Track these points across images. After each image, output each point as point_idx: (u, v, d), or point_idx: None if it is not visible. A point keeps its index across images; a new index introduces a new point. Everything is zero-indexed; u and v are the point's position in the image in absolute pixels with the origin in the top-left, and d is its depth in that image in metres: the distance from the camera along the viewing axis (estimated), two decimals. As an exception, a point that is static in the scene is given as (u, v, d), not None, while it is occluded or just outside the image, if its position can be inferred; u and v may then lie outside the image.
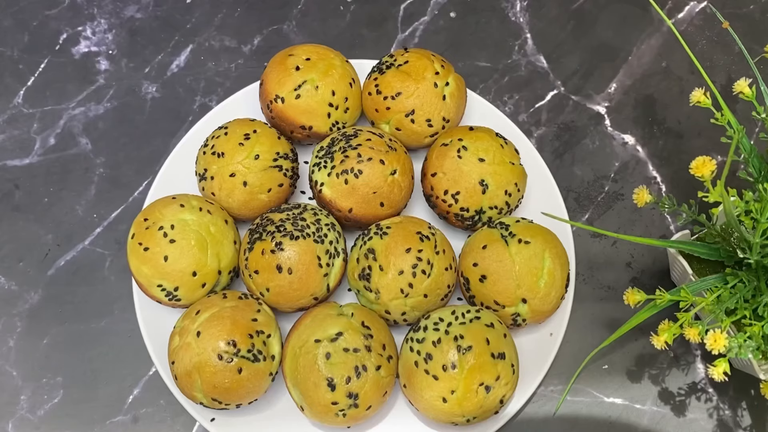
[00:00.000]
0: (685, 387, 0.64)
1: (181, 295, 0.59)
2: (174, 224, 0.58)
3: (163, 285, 0.58)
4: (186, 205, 0.59)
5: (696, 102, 0.55)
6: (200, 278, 0.58)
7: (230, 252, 0.60)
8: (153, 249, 0.58)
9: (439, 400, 0.55)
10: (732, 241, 0.55)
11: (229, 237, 0.60)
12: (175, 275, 0.58)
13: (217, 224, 0.60)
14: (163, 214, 0.59)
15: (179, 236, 0.58)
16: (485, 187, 0.62)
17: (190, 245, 0.58)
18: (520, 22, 0.76)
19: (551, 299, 0.60)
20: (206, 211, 0.60)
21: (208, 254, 0.59)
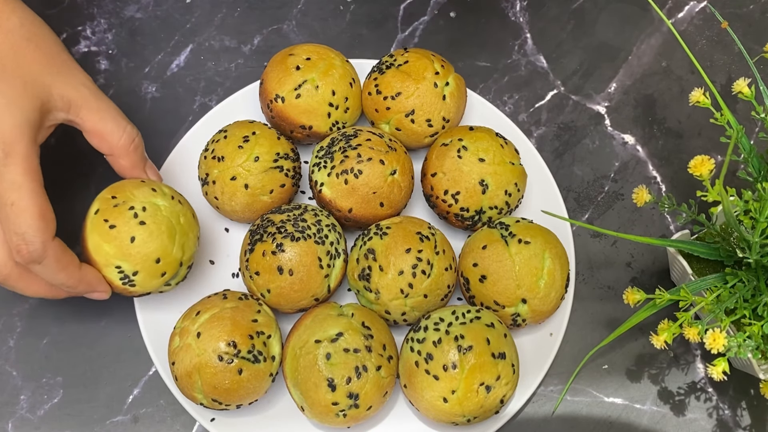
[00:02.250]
0: (685, 387, 0.64)
1: (138, 280, 0.56)
2: (146, 206, 0.56)
3: (122, 267, 0.56)
4: (158, 191, 0.58)
5: (695, 102, 0.55)
6: (162, 266, 0.57)
7: (193, 246, 0.59)
8: (120, 228, 0.55)
9: (439, 400, 0.55)
10: (731, 241, 0.56)
11: (195, 231, 0.60)
12: (139, 258, 0.55)
13: (186, 216, 0.59)
14: (134, 194, 0.57)
15: (150, 219, 0.56)
16: (485, 187, 0.62)
17: (160, 230, 0.56)
18: (520, 22, 0.76)
19: (551, 299, 0.60)
20: (177, 201, 0.59)
21: (175, 243, 0.57)
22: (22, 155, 0.50)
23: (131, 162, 0.59)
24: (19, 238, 0.50)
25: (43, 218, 0.50)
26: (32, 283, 0.54)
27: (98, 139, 0.57)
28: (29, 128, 0.51)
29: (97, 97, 0.56)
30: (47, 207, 0.51)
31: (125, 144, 0.57)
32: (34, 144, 0.51)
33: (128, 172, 0.59)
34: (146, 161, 0.60)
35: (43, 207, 0.51)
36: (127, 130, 0.57)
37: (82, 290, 0.55)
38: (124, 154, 0.58)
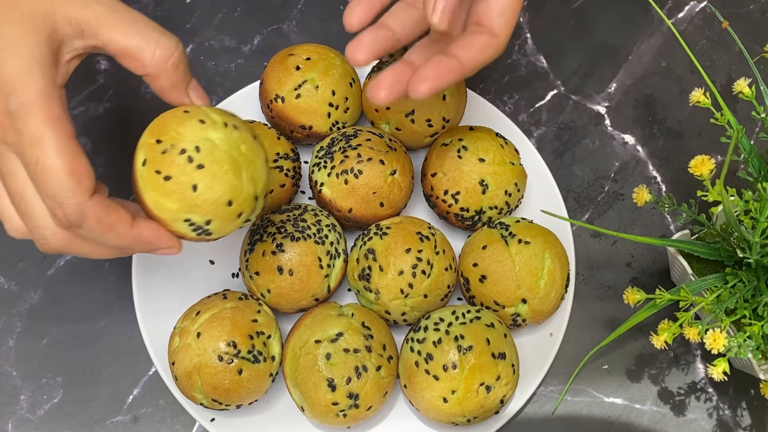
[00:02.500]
0: (685, 387, 0.64)
1: (213, 228, 0.48)
2: (199, 146, 0.46)
3: (191, 219, 0.47)
4: (207, 121, 0.48)
5: (696, 102, 0.55)
6: (236, 207, 0.48)
7: (264, 173, 0.50)
8: (177, 178, 0.46)
9: (439, 400, 0.55)
10: (732, 241, 0.55)
11: (261, 155, 0.50)
12: (207, 206, 0.47)
13: (247, 141, 0.49)
14: (180, 133, 0.47)
15: (208, 160, 0.46)
16: (485, 187, 0.62)
17: (222, 170, 0.47)
18: (520, 22, 0.76)
19: (551, 299, 0.60)
20: (233, 127, 0.49)
21: (243, 178, 0.48)
22: (38, 104, 0.42)
23: (171, 82, 0.48)
24: (52, 201, 0.42)
25: (74, 175, 0.42)
26: (95, 245, 0.47)
27: (130, 60, 0.47)
28: (41, 69, 0.42)
29: (116, 10, 0.46)
30: (79, 161, 0.43)
31: (160, 60, 0.47)
32: (52, 87, 0.43)
33: (168, 93, 0.50)
34: (190, 80, 0.50)
35: (74, 162, 0.42)
36: (161, 44, 0.47)
37: (142, 249, 0.47)
38: (161, 73, 0.48)
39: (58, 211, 0.43)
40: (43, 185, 0.42)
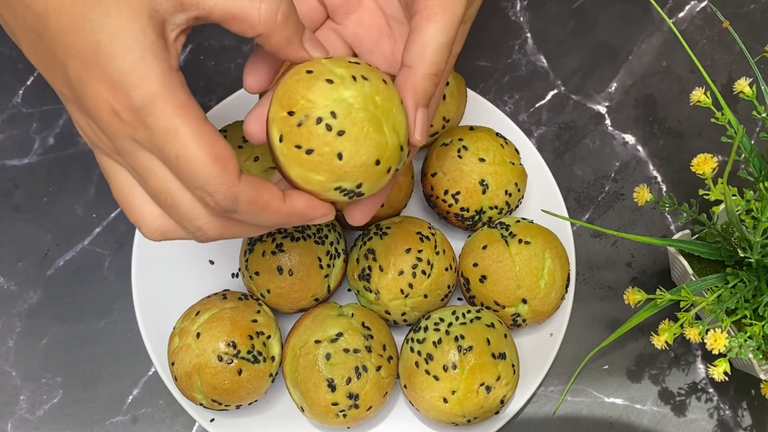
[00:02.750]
0: (686, 387, 0.64)
1: (365, 189, 0.45)
2: (334, 110, 0.43)
3: (342, 186, 0.44)
4: (335, 80, 0.43)
5: (696, 101, 0.55)
6: (384, 164, 0.45)
7: (403, 117, 0.46)
8: (320, 149, 0.42)
9: (439, 400, 0.55)
10: (732, 241, 0.55)
11: (396, 100, 0.46)
12: (356, 171, 0.44)
13: (380, 90, 0.44)
14: (311, 100, 0.43)
15: (347, 123, 0.43)
16: (485, 187, 0.62)
17: (364, 130, 0.43)
18: (520, 22, 0.76)
19: (551, 299, 0.59)
20: (362, 78, 0.44)
21: (386, 132, 0.44)
22: (162, 94, 0.38)
23: (284, 37, 0.44)
24: (201, 192, 0.40)
25: (219, 161, 0.39)
26: (250, 226, 0.44)
27: (236, 22, 0.43)
28: (153, 56, 0.38)
29: None
30: (219, 145, 0.39)
31: (269, 17, 0.43)
32: (170, 72, 0.39)
33: (284, 50, 0.45)
34: (303, 30, 0.45)
35: (215, 147, 0.39)
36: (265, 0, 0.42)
37: (298, 222, 0.45)
38: (272, 30, 0.43)
39: (209, 200, 0.40)
40: (188, 178, 0.39)
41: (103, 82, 0.37)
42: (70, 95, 0.39)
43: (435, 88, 0.45)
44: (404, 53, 0.45)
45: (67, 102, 0.41)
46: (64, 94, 0.40)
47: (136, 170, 0.40)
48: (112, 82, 0.37)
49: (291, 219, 0.44)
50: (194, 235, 0.42)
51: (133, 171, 0.40)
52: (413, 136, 0.45)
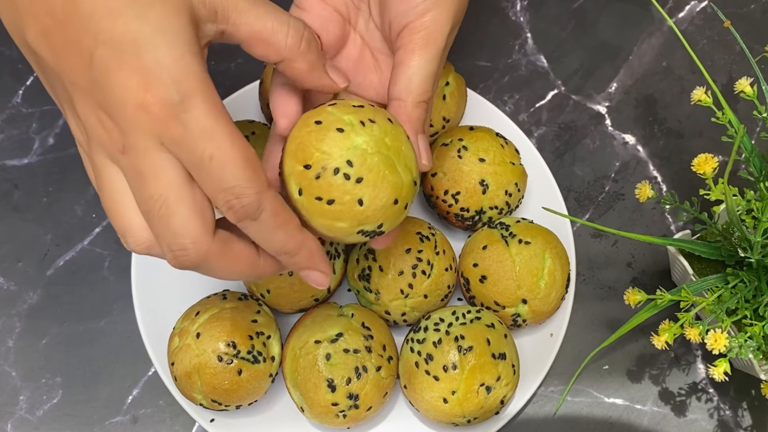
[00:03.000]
0: (686, 387, 0.64)
1: (385, 227, 0.47)
2: (350, 159, 0.43)
3: (364, 229, 0.46)
4: (345, 128, 0.44)
5: (697, 101, 0.55)
6: (402, 201, 0.46)
7: (411, 152, 0.47)
8: (341, 199, 0.43)
9: (439, 400, 0.55)
10: (733, 241, 0.55)
11: (402, 136, 0.47)
12: (377, 213, 0.45)
13: (388, 131, 0.46)
14: (326, 152, 0.43)
15: (364, 170, 0.44)
16: (485, 187, 0.62)
17: (381, 174, 0.44)
18: (520, 22, 0.76)
19: (551, 300, 0.59)
20: (369, 122, 0.45)
21: (399, 171, 0.45)
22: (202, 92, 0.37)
23: (308, 62, 0.44)
24: (228, 194, 0.38)
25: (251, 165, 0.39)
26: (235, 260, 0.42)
27: (262, 45, 0.43)
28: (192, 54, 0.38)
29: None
30: (250, 150, 0.39)
31: (294, 42, 0.43)
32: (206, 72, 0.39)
33: (308, 77, 0.45)
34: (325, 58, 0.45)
35: (247, 151, 0.39)
36: (291, 25, 0.43)
37: (302, 260, 0.43)
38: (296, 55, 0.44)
39: (234, 203, 0.38)
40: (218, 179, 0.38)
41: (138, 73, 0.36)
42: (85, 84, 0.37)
43: (426, 115, 0.47)
44: (391, 87, 0.46)
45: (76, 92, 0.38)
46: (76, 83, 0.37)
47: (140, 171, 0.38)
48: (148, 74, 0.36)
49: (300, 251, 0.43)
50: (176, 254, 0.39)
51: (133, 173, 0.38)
52: (421, 162, 0.46)
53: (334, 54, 0.51)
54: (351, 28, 0.50)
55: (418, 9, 0.46)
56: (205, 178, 0.38)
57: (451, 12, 0.46)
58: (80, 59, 0.36)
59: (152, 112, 0.36)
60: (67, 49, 0.37)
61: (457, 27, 0.48)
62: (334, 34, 0.50)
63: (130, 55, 0.36)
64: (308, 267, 0.44)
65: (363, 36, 0.51)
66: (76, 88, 0.38)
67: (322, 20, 0.49)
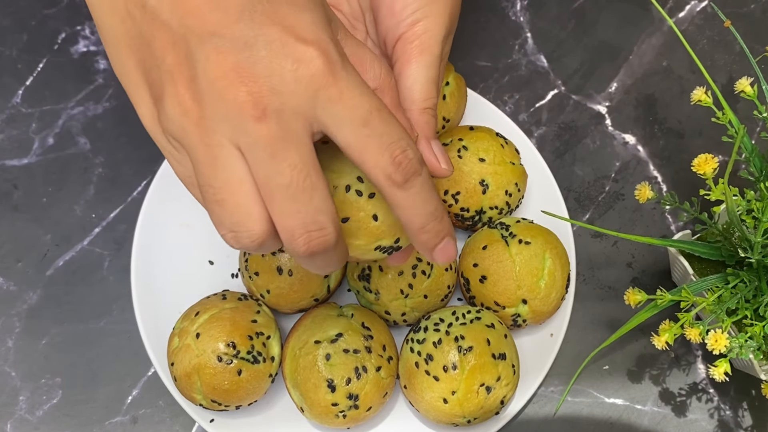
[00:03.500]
0: (686, 387, 0.64)
1: (403, 242, 0.46)
2: (359, 175, 0.43)
3: (381, 245, 0.45)
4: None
5: (697, 101, 0.55)
6: None
7: None
8: (355, 215, 0.43)
9: (439, 400, 0.55)
10: (733, 241, 0.55)
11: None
12: (393, 228, 0.44)
13: None
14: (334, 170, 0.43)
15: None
16: (485, 187, 0.61)
17: None
18: (520, 22, 0.76)
19: (551, 300, 0.59)
20: None
21: None
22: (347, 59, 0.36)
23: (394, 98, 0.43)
24: (395, 148, 0.36)
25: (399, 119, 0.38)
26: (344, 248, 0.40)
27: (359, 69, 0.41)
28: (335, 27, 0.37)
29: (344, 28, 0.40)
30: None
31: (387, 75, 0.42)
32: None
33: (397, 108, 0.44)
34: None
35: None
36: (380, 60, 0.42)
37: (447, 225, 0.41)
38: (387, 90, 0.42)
39: (402, 158, 0.36)
40: (385, 132, 0.35)
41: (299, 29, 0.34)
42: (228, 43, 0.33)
43: (434, 120, 0.45)
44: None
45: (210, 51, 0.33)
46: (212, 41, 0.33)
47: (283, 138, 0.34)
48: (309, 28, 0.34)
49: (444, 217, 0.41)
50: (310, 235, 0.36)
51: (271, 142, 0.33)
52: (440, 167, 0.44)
53: None
54: None
55: (408, 20, 0.45)
56: (370, 134, 0.35)
57: (443, 18, 0.46)
58: (226, 14, 0.33)
59: (316, 67, 0.33)
60: (209, 2, 0.33)
61: (452, 32, 0.48)
62: None
63: (288, 13, 0.33)
64: (449, 233, 0.41)
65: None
66: (213, 46, 0.33)
67: None
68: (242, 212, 0.35)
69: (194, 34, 0.33)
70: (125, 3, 0.35)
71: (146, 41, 0.35)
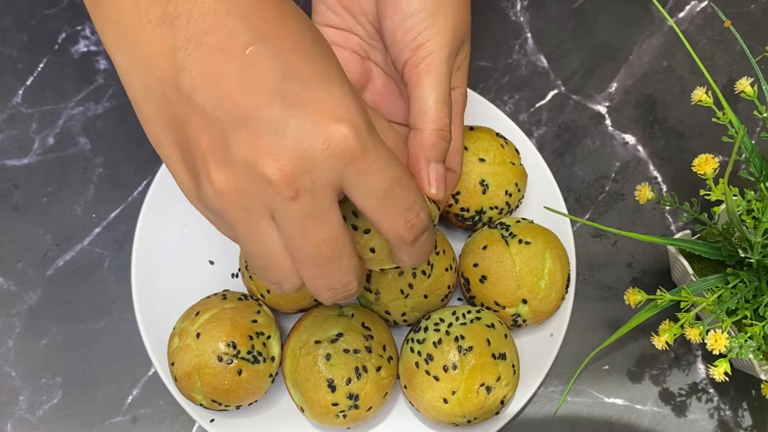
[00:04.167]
0: (686, 387, 0.64)
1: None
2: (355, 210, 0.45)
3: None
4: None
5: (698, 101, 0.55)
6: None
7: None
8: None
9: (440, 400, 0.55)
10: (733, 241, 0.55)
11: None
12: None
13: None
14: None
15: None
16: (485, 188, 0.61)
17: None
18: (520, 22, 0.76)
19: (552, 300, 0.59)
20: None
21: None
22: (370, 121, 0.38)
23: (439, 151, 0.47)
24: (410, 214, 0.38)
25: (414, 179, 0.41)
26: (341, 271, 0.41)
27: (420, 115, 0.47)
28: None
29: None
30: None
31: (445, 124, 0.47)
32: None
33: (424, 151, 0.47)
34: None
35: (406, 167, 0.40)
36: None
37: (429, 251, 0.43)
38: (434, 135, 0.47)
39: (415, 221, 0.39)
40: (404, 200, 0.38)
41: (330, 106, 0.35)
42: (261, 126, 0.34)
43: (444, 143, 0.46)
44: (409, 120, 0.47)
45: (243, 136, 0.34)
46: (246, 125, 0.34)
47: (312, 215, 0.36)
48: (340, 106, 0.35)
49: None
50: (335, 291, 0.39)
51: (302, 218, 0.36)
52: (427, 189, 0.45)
53: (361, 89, 0.52)
54: (372, 63, 0.52)
55: (411, 45, 0.47)
56: (390, 203, 0.37)
57: (446, 37, 0.47)
58: (258, 97, 0.34)
59: (348, 143, 0.35)
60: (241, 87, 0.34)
61: (458, 47, 0.49)
62: (356, 72, 0.52)
63: (319, 90, 0.35)
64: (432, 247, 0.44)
65: (384, 69, 0.52)
66: (245, 131, 0.34)
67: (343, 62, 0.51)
68: (284, 274, 0.38)
69: (228, 117, 0.34)
70: (160, 85, 0.36)
71: (181, 123, 0.36)
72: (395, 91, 0.52)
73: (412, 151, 0.46)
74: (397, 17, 0.47)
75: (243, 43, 0.35)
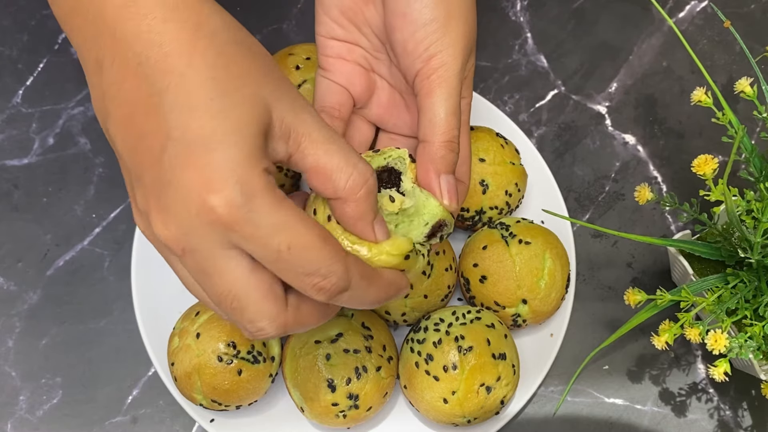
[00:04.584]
0: (686, 387, 0.64)
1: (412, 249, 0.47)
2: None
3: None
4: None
5: (697, 101, 0.55)
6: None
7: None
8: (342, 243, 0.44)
9: (439, 400, 0.55)
10: (733, 241, 0.55)
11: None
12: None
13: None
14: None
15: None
16: (485, 188, 0.62)
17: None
18: (520, 22, 0.76)
19: (551, 300, 0.59)
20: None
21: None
22: (264, 189, 0.37)
23: (358, 211, 0.43)
24: (316, 277, 0.38)
25: (328, 241, 0.38)
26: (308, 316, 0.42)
27: (321, 179, 0.42)
28: (257, 159, 0.37)
29: (321, 126, 0.41)
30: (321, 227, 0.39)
31: (354, 186, 0.42)
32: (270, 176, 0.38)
33: (352, 223, 0.43)
34: (376, 214, 0.44)
35: (320, 230, 0.38)
36: (358, 168, 0.41)
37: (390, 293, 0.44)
38: (350, 199, 0.43)
39: (323, 284, 0.39)
40: (300, 265, 0.38)
41: (203, 173, 0.35)
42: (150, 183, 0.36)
43: (453, 155, 0.47)
44: (418, 131, 0.47)
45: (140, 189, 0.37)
46: (141, 180, 0.37)
47: (204, 270, 0.37)
48: (214, 174, 0.35)
49: (389, 291, 0.43)
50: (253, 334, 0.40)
51: (197, 272, 0.38)
52: (442, 201, 0.46)
53: (365, 102, 0.52)
54: (376, 75, 0.52)
55: (423, 56, 0.47)
56: (285, 268, 0.37)
57: (458, 48, 0.47)
58: (150, 155, 0.36)
59: (217, 214, 0.35)
60: (140, 143, 0.36)
61: (469, 58, 0.49)
62: (361, 85, 0.52)
63: (199, 155, 0.35)
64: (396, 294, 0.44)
65: (389, 81, 0.52)
66: (141, 185, 0.37)
67: (347, 75, 0.51)
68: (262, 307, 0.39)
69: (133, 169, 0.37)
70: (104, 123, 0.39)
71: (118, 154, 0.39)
72: (400, 104, 0.52)
73: (421, 164, 0.46)
74: (408, 28, 0.47)
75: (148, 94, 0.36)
